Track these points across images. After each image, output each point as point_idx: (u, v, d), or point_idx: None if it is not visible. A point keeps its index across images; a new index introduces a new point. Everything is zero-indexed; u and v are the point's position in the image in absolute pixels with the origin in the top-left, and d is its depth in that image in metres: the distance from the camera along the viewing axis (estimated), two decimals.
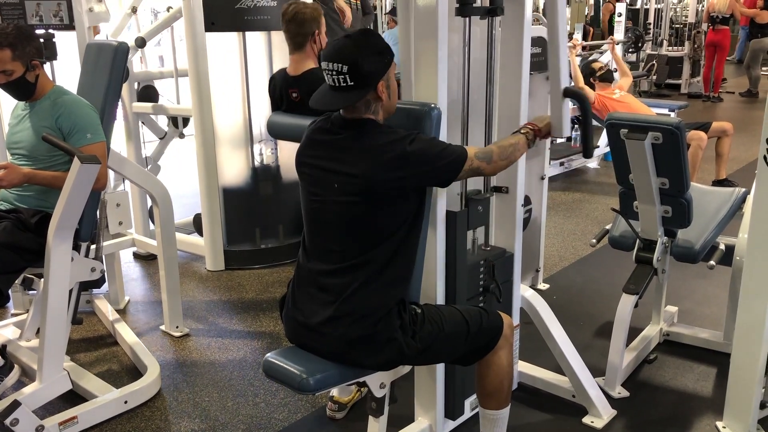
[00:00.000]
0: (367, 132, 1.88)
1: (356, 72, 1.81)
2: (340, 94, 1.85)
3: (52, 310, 2.45)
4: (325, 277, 1.91)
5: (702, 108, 9.86)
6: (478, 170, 1.99)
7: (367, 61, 1.82)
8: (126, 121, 4.37)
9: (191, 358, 3.16)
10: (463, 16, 2.18)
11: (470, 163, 1.93)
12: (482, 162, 1.97)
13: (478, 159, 1.96)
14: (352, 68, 1.80)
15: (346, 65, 1.80)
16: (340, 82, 1.83)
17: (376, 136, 1.87)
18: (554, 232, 4.76)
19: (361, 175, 1.83)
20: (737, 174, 6.09)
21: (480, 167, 1.98)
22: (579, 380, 2.60)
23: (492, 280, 2.38)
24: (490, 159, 2.00)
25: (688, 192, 2.66)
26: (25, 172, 2.60)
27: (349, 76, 1.81)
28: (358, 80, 1.82)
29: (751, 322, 2.30)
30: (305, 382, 1.82)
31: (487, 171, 2.03)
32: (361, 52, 1.82)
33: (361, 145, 1.87)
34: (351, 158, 1.86)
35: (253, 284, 3.96)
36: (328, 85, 1.87)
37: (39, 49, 2.67)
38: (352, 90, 1.84)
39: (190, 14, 3.82)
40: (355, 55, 1.81)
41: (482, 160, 1.97)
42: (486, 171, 2.02)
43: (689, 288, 3.76)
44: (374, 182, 1.83)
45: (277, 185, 4.27)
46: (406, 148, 1.83)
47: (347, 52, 1.82)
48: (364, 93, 1.85)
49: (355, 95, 1.85)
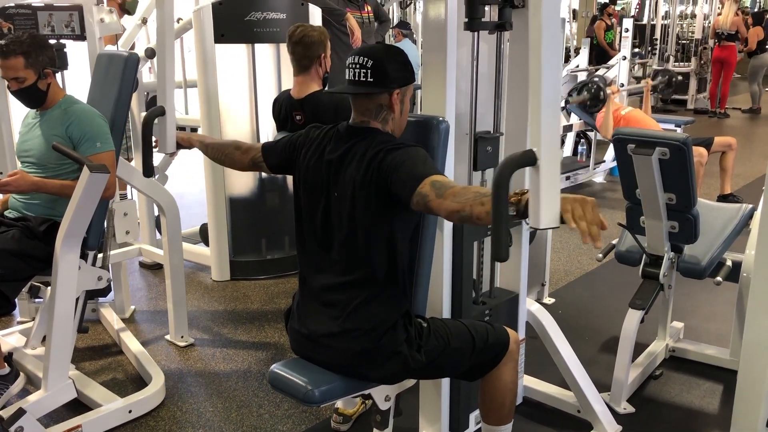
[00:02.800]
0: (369, 139, 1.89)
1: (378, 69, 1.85)
2: (357, 86, 1.89)
3: (58, 318, 2.46)
4: (330, 291, 1.92)
5: (708, 124, 9.86)
6: (425, 199, 1.70)
7: (391, 64, 1.88)
8: (135, 130, 4.39)
9: (196, 368, 3.16)
10: (472, 30, 2.19)
11: (422, 187, 1.70)
12: (432, 190, 1.68)
13: (432, 186, 1.69)
14: (375, 64, 1.85)
15: (371, 60, 1.85)
16: (360, 76, 1.87)
17: (374, 144, 1.87)
18: (560, 246, 4.76)
19: (355, 182, 1.85)
20: (744, 190, 6.08)
21: (427, 196, 1.69)
22: (584, 395, 2.59)
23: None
24: (442, 193, 1.67)
25: (695, 207, 2.66)
26: (33, 181, 2.62)
27: (371, 71, 1.85)
28: (377, 78, 1.86)
29: (758, 339, 2.29)
30: (310, 394, 1.82)
31: (431, 205, 1.69)
32: (388, 56, 1.89)
33: (360, 151, 1.87)
34: (351, 166, 1.87)
35: (258, 295, 3.97)
36: (348, 79, 1.91)
37: (52, 58, 2.70)
38: (369, 86, 1.87)
39: (200, 26, 3.85)
40: (382, 55, 1.88)
41: (434, 188, 1.68)
42: (431, 204, 1.69)
43: (695, 304, 3.74)
44: (363, 188, 1.83)
45: (284, 196, 4.28)
46: (387, 153, 1.81)
47: (376, 51, 1.90)
48: (380, 91, 1.88)
49: (371, 89, 1.88)
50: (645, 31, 11.85)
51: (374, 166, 1.82)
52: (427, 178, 1.71)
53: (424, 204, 1.70)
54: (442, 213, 1.68)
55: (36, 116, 2.76)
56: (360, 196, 1.84)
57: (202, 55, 3.89)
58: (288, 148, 2.08)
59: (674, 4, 11.53)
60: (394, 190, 1.78)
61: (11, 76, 2.60)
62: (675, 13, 11.54)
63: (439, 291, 2.18)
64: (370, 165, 1.83)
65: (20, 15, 3.40)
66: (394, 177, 1.77)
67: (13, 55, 2.56)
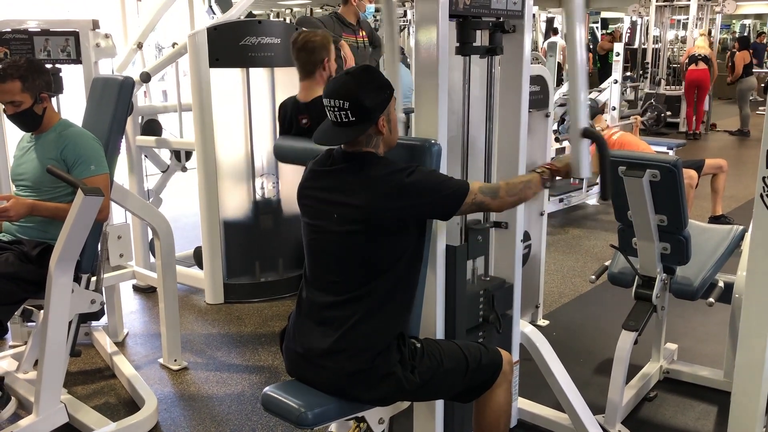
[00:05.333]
0: (367, 164, 1.91)
1: (357, 107, 1.85)
2: (342, 129, 1.89)
3: (51, 342, 2.44)
4: (326, 309, 1.92)
5: (700, 146, 9.94)
6: (482, 205, 1.97)
7: (367, 96, 1.87)
8: (129, 154, 4.40)
9: (189, 391, 3.14)
10: (464, 54, 2.22)
11: (473, 198, 1.92)
12: (486, 197, 1.95)
13: (482, 193, 1.94)
14: (353, 104, 1.85)
15: (347, 101, 1.85)
16: (341, 117, 1.87)
17: (375, 168, 1.90)
18: (554, 268, 4.77)
19: (360, 206, 1.86)
20: (735, 212, 6.12)
21: (484, 202, 1.95)
22: (579, 417, 2.58)
23: (492, 310, 2.38)
24: (496, 194, 1.97)
25: (687, 229, 2.68)
26: (29, 203, 2.62)
27: (350, 112, 1.85)
28: (359, 115, 1.86)
29: (752, 360, 2.29)
30: (303, 416, 1.82)
31: (492, 206, 2.00)
32: (361, 88, 1.87)
33: (361, 176, 1.90)
34: (351, 189, 1.89)
35: (252, 318, 3.96)
36: (331, 121, 1.91)
37: (48, 82, 2.71)
38: (353, 125, 1.87)
39: (195, 50, 3.89)
40: (355, 91, 1.86)
41: (486, 194, 1.95)
42: (491, 206, 2.00)
43: (689, 325, 3.75)
44: (373, 214, 1.85)
45: (278, 219, 4.29)
46: (404, 179, 1.85)
47: (348, 89, 1.87)
48: (366, 128, 1.89)
49: (356, 130, 1.89)
50: (636, 55, 11.99)
51: (385, 193, 1.85)
52: (469, 188, 1.92)
53: (480, 208, 2.00)
54: (499, 209, 2.06)
55: (31, 140, 2.78)
56: (365, 221, 1.86)
57: (197, 79, 3.92)
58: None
59: (665, 29, 11.69)
60: (426, 213, 1.93)
61: (8, 99, 2.61)
62: (666, 37, 11.69)
63: (432, 311, 2.19)
64: (374, 191, 1.85)
65: (16, 40, 3.43)
66: (426, 201, 1.88)
67: (10, 79, 2.58)
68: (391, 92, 1.94)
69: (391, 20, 2.54)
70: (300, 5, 17.61)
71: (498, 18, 2.24)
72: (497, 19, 2.24)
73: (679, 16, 11.99)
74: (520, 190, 2.03)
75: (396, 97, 1.98)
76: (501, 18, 2.25)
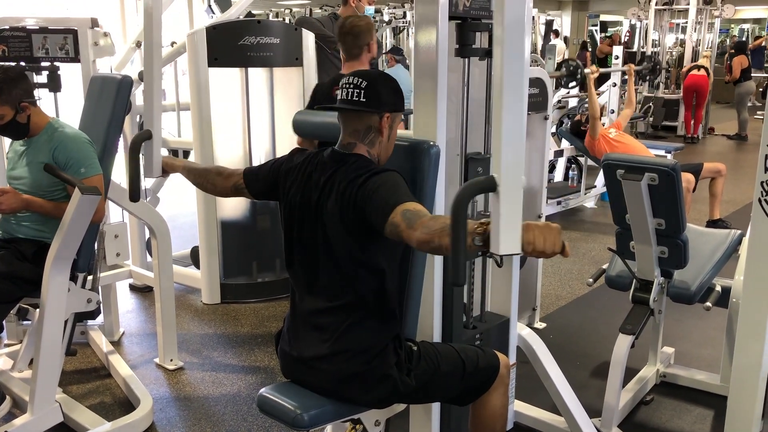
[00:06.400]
0: (350, 165, 1.88)
1: (371, 90, 1.86)
2: (350, 104, 1.89)
3: (46, 341, 2.44)
4: (319, 315, 1.91)
5: (699, 150, 9.96)
6: (396, 228, 1.68)
7: (384, 88, 1.89)
8: (127, 153, 4.39)
9: (185, 391, 3.13)
10: (463, 56, 2.22)
11: (394, 216, 1.69)
12: (403, 221, 1.67)
13: (403, 216, 1.67)
14: (369, 86, 1.86)
15: (365, 81, 1.86)
16: (353, 95, 1.87)
17: (354, 169, 1.86)
18: (551, 271, 4.77)
19: (335, 209, 1.84)
20: (733, 216, 6.12)
21: (399, 226, 1.67)
22: (575, 420, 2.58)
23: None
24: (412, 224, 1.64)
25: (684, 233, 2.68)
26: (24, 198, 2.60)
27: (364, 92, 1.86)
28: (370, 99, 1.86)
29: (748, 364, 2.29)
30: (299, 418, 1.81)
31: (403, 235, 1.67)
32: (382, 80, 1.91)
33: (342, 178, 1.86)
34: (331, 192, 1.87)
35: (248, 318, 3.95)
36: (339, 99, 1.90)
37: (27, 90, 2.64)
38: (361, 105, 1.87)
39: (194, 49, 3.88)
40: (376, 78, 1.89)
41: (406, 219, 1.67)
42: (402, 235, 1.67)
43: (686, 329, 3.75)
44: (342, 215, 1.83)
45: (275, 219, 4.28)
46: (363, 181, 1.81)
47: (370, 74, 1.91)
48: (371, 112, 1.88)
49: (362, 110, 1.88)
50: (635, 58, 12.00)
51: (352, 193, 1.81)
52: (399, 206, 1.69)
53: (397, 234, 1.68)
54: (413, 243, 1.65)
55: (24, 143, 2.74)
56: (343, 223, 1.84)
57: (196, 78, 3.91)
58: (271, 174, 2.07)
59: (664, 33, 11.71)
60: (370, 219, 1.77)
61: None
62: (665, 41, 11.71)
63: (429, 314, 2.18)
64: (348, 192, 1.82)
65: (14, 38, 3.41)
66: (369, 206, 1.76)
67: None
68: (402, 106, 1.96)
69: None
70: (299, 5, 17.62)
71: None
72: None
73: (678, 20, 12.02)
74: (437, 231, 1.59)
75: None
76: None
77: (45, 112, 2.78)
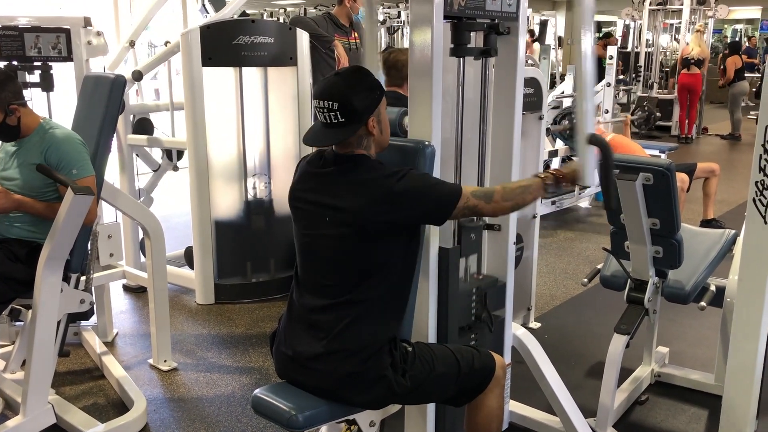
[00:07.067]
0: (358, 167, 1.90)
1: (346, 108, 1.84)
2: (332, 130, 1.88)
3: (39, 341, 2.42)
4: (317, 312, 1.91)
5: (692, 150, 9.99)
6: (475, 209, 1.92)
7: (356, 97, 1.85)
8: (120, 153, 4.38)
9: (179, 392, 3.12)
10: (458, 56, 2.21)
11: (465, 201, 1.88)
12: (480, 201, 1.90)
13: (475, 197, 1.90)
14: (342, 105, 1.83)
15: (336, 102, 1.83)
16: (331, 119, 1.86)
17: (366, 172, 1.88)
18: (546, 270, 4.77)
19: (350, 210, 1.85)
20: (727, 216, 6.14)
21: (477, 206, 1.91)
22: (570, 420, 2.57)
23: (484, 309, 2.33)
24: (490, 198, 1.92)
25: (679, 233, 2.68)
26: (15, 198, 2.58)
27: (339, 113, 1.84)
28: (348, 116, 1.85)
29: (743, 364, 2.30)
30: (294, 419, 1.80)
31: (486, 211, 1.94)
32: (350, 89, 1.86)
33: (350, 179, 1.88)
34: (342, 192, 1.87)
35: (243, 319, 3.94)
36: (320, 122, 1.90)
37: (16, 91, 2.61)
38: (343, 126, 1.86)
39: (188, 49, 3.87)
40: (344, 92, 1.85)
41: (480, 198, 1.91)
42: (485, 210, 1.94)
43: (680, 329, 3.75)
44: (363, 218, 1.84)
45: (270, 219, 4.27)
46: (394, 185, 1.84)
47: (337, 90, 1.86)
48: (355, 129, 1.87)
49: (346, 131, 1.87)
50: (629, 58, 12.04)
51: (374, 199, 1.83)
52: (462, 192, 1.89)
53: (474, 212, 1.95)
54: (494, 214, 1.99)
55: (15, 144, 2.72)
56: (355, 224, 1.84)
57: (190, 77, 3.90)
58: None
59: (658, 33, 11.74)
60: (417, 219, 1.90)
61: None
62: (658, 41, 11.74)
63: (424, 315, 2.17)
64: (364, 196, 1.84)
65: (6, 37, 3.39)
66: (416, 207, 1.85)
67: None
68: (381, 93, 1.93)
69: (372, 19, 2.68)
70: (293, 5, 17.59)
71: (493, 19, 2.24)
72: (492, 20, 2.23)
73: (672, 20, 12.05)
74: (518, 195, 1.96)
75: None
76: (496, 20, 2.24)
77: (36, 112, 2.76)
